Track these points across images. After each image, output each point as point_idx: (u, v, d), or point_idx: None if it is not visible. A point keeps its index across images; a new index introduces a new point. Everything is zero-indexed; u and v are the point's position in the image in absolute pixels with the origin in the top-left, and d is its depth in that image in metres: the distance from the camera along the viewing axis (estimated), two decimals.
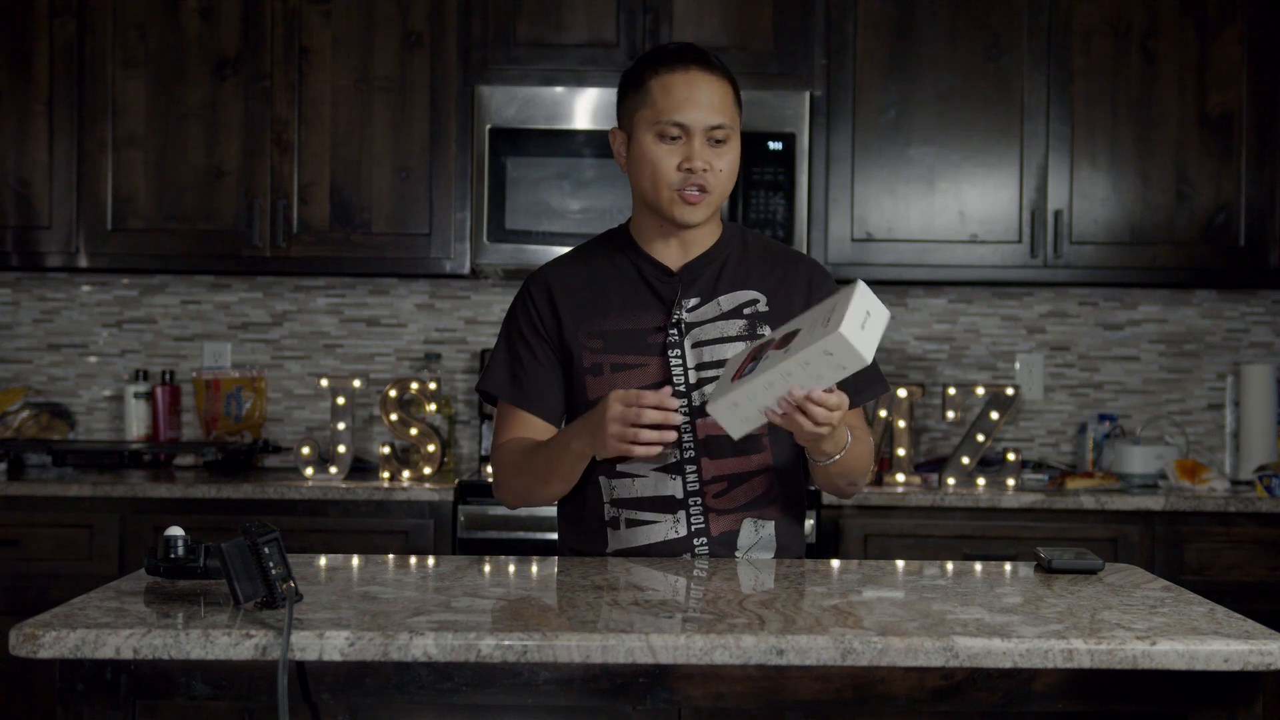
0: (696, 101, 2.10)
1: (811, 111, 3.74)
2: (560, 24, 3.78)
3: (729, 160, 2.12)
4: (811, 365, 1.84)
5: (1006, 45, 3.79)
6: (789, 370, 1.85)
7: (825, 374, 1.85)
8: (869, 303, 1.87)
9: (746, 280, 2.18)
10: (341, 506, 3.51)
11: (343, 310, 4.13)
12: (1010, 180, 3.80)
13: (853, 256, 3.79)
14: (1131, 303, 4.14)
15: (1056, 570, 2.03)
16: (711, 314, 2.15)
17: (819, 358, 1.82)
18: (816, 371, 1.84)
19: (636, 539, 2.13)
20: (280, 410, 4.13)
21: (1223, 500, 3.53)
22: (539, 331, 2.18)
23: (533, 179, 3.71)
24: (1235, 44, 3.79)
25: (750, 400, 1.90)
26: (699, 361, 2.13)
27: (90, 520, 3.49)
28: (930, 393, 4.06)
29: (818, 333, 1.83)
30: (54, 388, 4.14)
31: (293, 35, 3.77)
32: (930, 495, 3.52)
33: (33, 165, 3.79)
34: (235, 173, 3.78)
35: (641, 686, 1.61)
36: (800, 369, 1.84)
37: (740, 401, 1.90)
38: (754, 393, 1.89)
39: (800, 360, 1.84)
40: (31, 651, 1.56)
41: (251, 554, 1.65)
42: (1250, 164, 3.78)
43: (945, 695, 1.62)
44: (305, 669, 1.60)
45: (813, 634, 1.58)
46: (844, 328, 1.79)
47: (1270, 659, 1.58)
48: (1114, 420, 4.05)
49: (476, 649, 1.56)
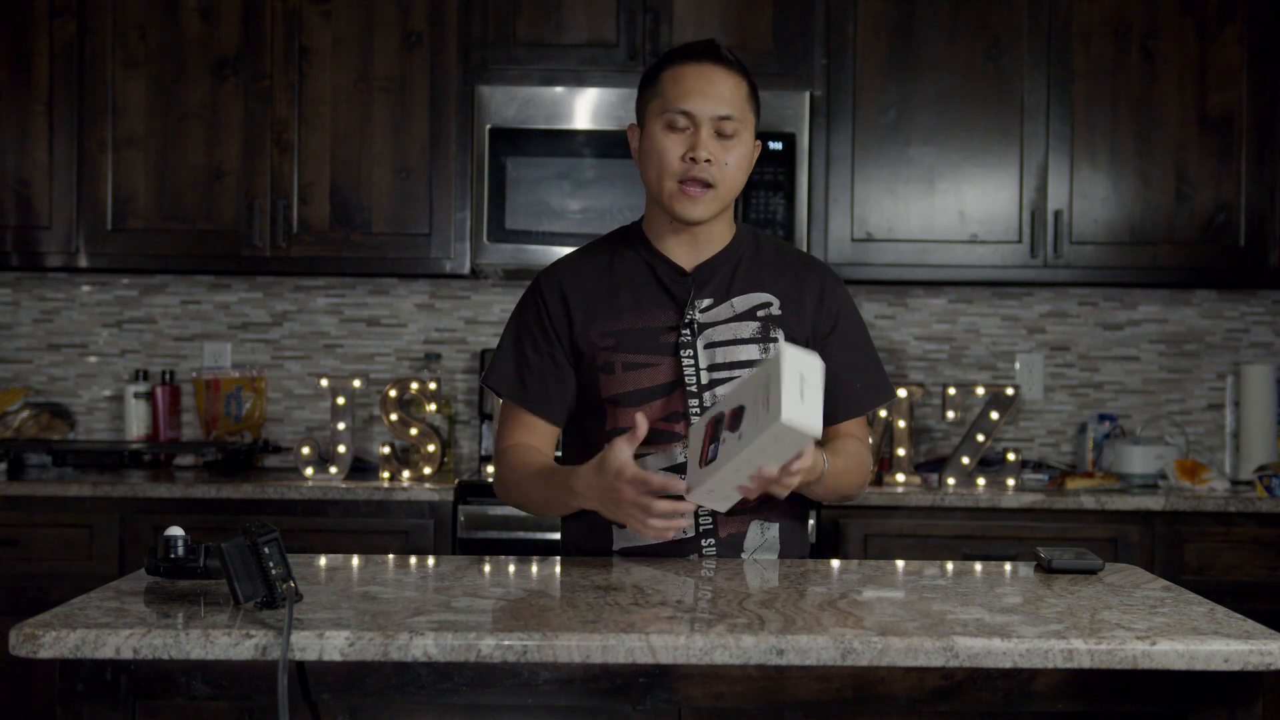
0: (704, 92, 2.09)
1: (811, 111, 3.74)
2: (560, 24, 3.78)
3: (736, 155, 2.11)
4: (767, 450, 1.82)
5: (1006, 45, 3.79)
6: (749, 458, 1.84)
7: (785, 451, 1.83)
8: (798, 365, 1.81)
9: (760, 282, 2.17)
10: (341, 506, 3.51)
11: (343, 310, 4.13)
12: (1010, 180, 3.80)
13: (853, 256, 3.79)
14: (1131, 303, 4.14)
15: (1056, 570, 2.03)
16: (725, 315, 2.14)
17: (771, 442, 1.81)
18: (777, 451, 1.83)
19: (641, 538, 2.12)
20: (280, 410, 4.13)
21: (1223, 500, 3.53)
22: (548, 331, 2.16)
23: (533, 179, 3.71)
24: (1235, 44, 3.79)
25: (722, 485, 1.89)
26: (711, 362, 2.12)
27: (90, 520, 3.49)
28: (930, 393, 4.06)
29: (762, 416, 1.81)
30: (54, 388, 4.14)
31: (293, 35, 3.77)
32: (930, 495, 3.52)
33: (33, 165, 3.79)
34: (235, 173, 3.78)
35: (641, 686, 1.61)
36: (759, 454, 1.83)
37: (715, 488, 1.90)
38: (724, 479, 1.88)
39: (756, 448, 1.82)
40: (31, 651, 1.56)
41: (251, 554, 1.65)
42: (1250, 164, 3.78)
43: (945, 695, 1.62)
44: (305, 669, 1.60)
45: (813, 634, 1.58)
46: (784, 414, 1.76)
47: (1270, 659, 1.58)
48: (1114, 420, 4.05)
49: (476, 649, 1.56)
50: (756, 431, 1.80)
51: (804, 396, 1.79)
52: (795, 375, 1.80)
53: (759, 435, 1.79)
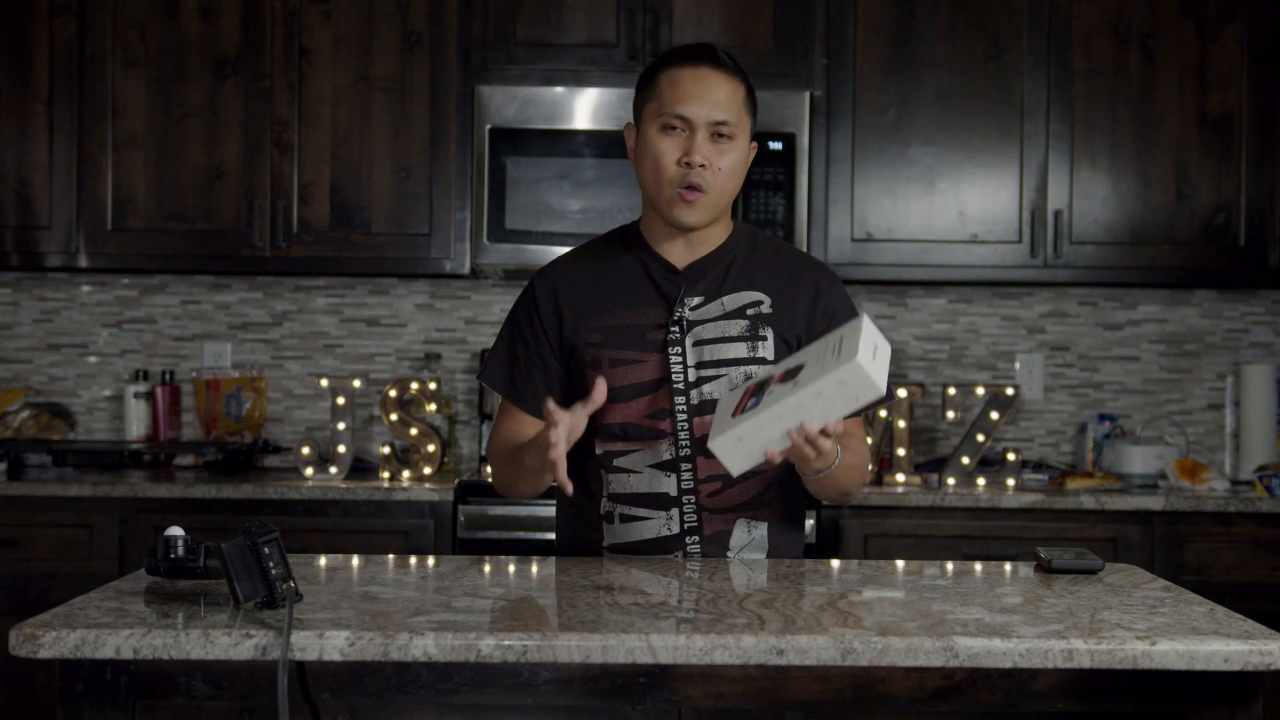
0: (701, 96, 2.09)
1: (811, 111, 3.74)
2: (560, 24, 3.78)
3: (730, 160, 2.11)
4: (824, 397, 1.81)
5: (1006, 45, 3.79)
6: (800, 402, 1.82)
7: (838, 406, 1.82)
8: (875, 336, 1.85)
9: (752, 281, 2.17)
10: (341, 506, 3.51)
11: (343, 310, 4.13)
12: (1010, 180, 3.80)
13: (853, 256, 3.79)
14: (1131, 303, 4.14)
15: (1056, 570, 2.03)
16: (714, 313, 2.15)
17: (833, 388, 1.79)
18: (829, 404, 1.81)
19: (630, 534, 2.14)
20: (280, 410, 4.13)
21: (1223, 500, 3.53)
22: (539, 330, 2.19)
23: (533, 179, 3.71)
24: (1235, 44, 3.79)
25: (755, 434, 1.86)
26: (699, 360, 2.13)
27: (90, 520, 3.49)
28: (930, 393, 4.06)
29: (829, 364, 1.80)
30: (54, 388, 4.14)
31: (293, 35, 3.77)
32: (930, 495, 3.52)
33: (33, 165, 3.79)
34: (235, 173, 3.78)
35: (641, 686, 1.61)
36: (813, 401, 1.81)
37: (745, 436, 1.87)
38: (760, 426, 1.85)
39: (813, 391, 1.80)
40: (31, 651, 1.56)
41: (251, 554, 1.65)
42: (1250, 164, 3.78)
43: (945, 695, 1.62)
44: (305, 669, 1.60)
45: (813, 634, 1.58)
46: (860, 357, 1.76)
47: (1270, 659, 1.58)
48: (1114, 420, 4.05)
49: (476, 649, 1.56)
50: (820, 374, 1.80)
51: (875, 358, 1.81)
52: (870, 340, 1.82)
53: (822, 376, 1.79)
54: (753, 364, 2.12)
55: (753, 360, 2.12)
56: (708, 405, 2.11)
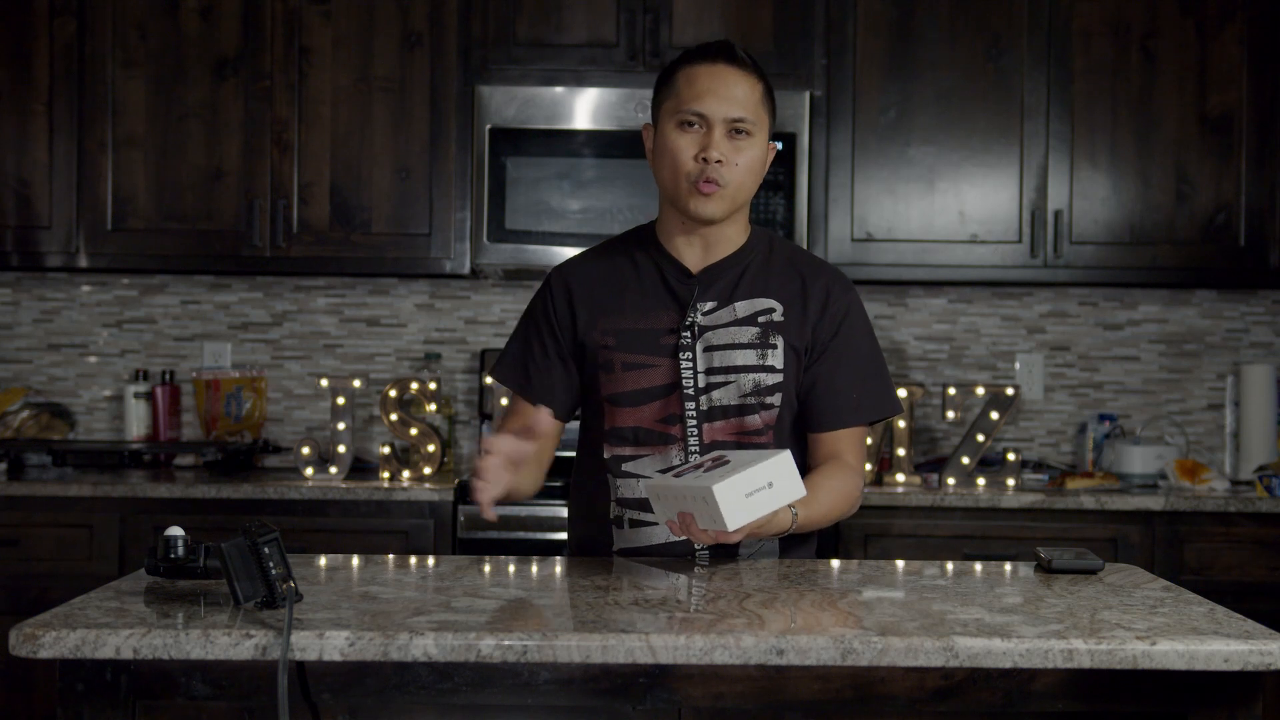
0: (718, 93, 2.09)
1: (811, 111, 3.74)
2: (560, 24, 3.78)
3: (747, 157, 2.10)
4: (693, 501, 1.84)
5: (1006, 45, 3.79)
6: (680, 493, 1.87)
7: (701, 515, 1.84)
8: (779, 477, 1.83)
9: (766, 288, 2.16)
10: (341, 506, 3.51)
11: (343, 310, 4.13)
12: (1010, 180, 3.80)
13: (853, 256, 3.78)
14: (1131, 303, 4.14)
15: (1056, 570, 2.03)
16: (726, 319, 2.14)
17: (697, 497, 1.82)
18: (698, 508, 1.84)
19: (639, 539, 2.14)
20: (280, 410, 4.13)
21: (1223, 500, 3.53)
22: (553, 328, 2.19)
23: (533, 179, 3.71)
24: (1235, 44, 3.79)
25: (668, 500, 1.92)
26: (709, 366, 2.12)
27: (90, 520, 3.49)
28: (930, 393, 4.06)
29: (714, 475, 1.82)
30: (54, 388, 4.14)
31: (293, 35, 3.77)
32: (930, 495, 3.52)
33: (33, 165, 3.79)
34: (235, 173, 3.78)
35: (641, 686, 1.61)
36: (691, 498, 1.85)
37: (662, 495, 1.93)
38: (671, 497, 1.90)
39: (683, 487, 1.86)
40: (31, 651, 1.56)
41: (251, 554, 1.65)
42: (1250, 164, 3.78)
43: (945, 695, 1.62)
44: (305, 669, 1.60)
45: (813, 634, 1.58)
46: (719, 485, 1.78)
47: (1270, 659, 1.58)
48: (1114, 420, 4.05)
49: (476, 649, 1.56)
50: (698, 479, 1.84)
51: (752, 496, 1.81)
52: (765, 478, 1.82)
53: (696, 482, 1.84)
54: (762, 372, 2.11)
55: (762, 368, 2.12)
56: (718, 411, 2.11)
